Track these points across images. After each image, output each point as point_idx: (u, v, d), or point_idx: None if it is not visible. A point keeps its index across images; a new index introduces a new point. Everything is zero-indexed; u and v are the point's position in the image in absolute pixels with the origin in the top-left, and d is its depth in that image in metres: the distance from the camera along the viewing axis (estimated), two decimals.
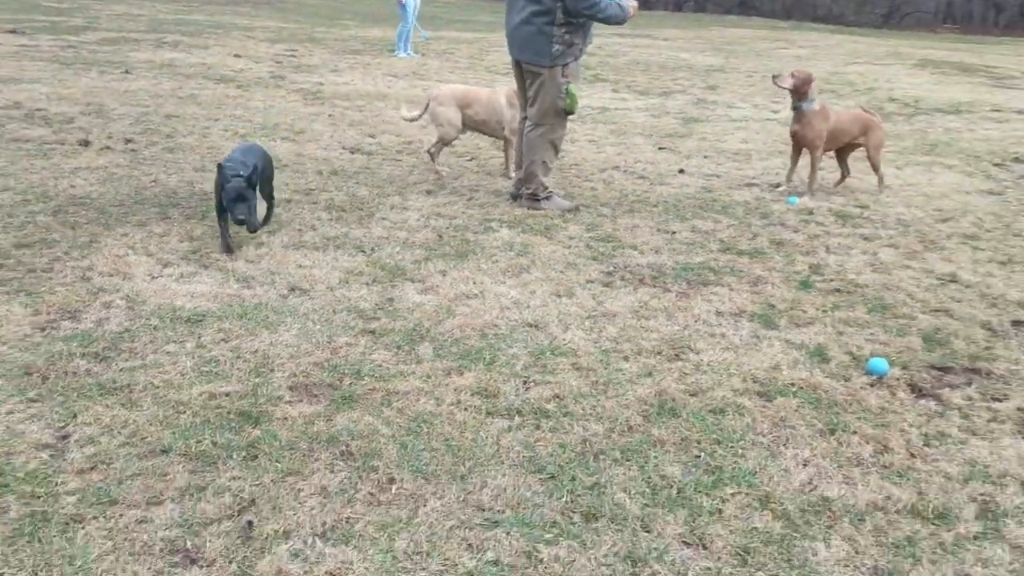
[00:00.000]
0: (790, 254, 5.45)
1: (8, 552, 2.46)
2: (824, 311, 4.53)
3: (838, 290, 4.86)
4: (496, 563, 2.53)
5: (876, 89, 14.56)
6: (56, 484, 2.77)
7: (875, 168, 7.06)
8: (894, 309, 4.61)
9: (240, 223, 4.78)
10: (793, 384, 3.70)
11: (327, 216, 5.76)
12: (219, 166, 4.79)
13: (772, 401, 3.55)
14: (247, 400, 3.35)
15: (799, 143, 6.85)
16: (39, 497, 2.70)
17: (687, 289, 4.77)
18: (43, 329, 3.87)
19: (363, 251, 5.11)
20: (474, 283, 4.67)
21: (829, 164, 7.60)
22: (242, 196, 4.71)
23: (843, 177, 7.22)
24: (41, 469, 2.85)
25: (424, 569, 2.49)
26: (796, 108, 6.74)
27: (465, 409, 3.38)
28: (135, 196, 5.97)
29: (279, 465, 2.93)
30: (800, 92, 6.63)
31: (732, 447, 3.19)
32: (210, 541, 2.55)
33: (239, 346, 3.80)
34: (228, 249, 4.94)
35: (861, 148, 7.00)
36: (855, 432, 3.33)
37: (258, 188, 4.97)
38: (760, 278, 4.98)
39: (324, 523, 2.65)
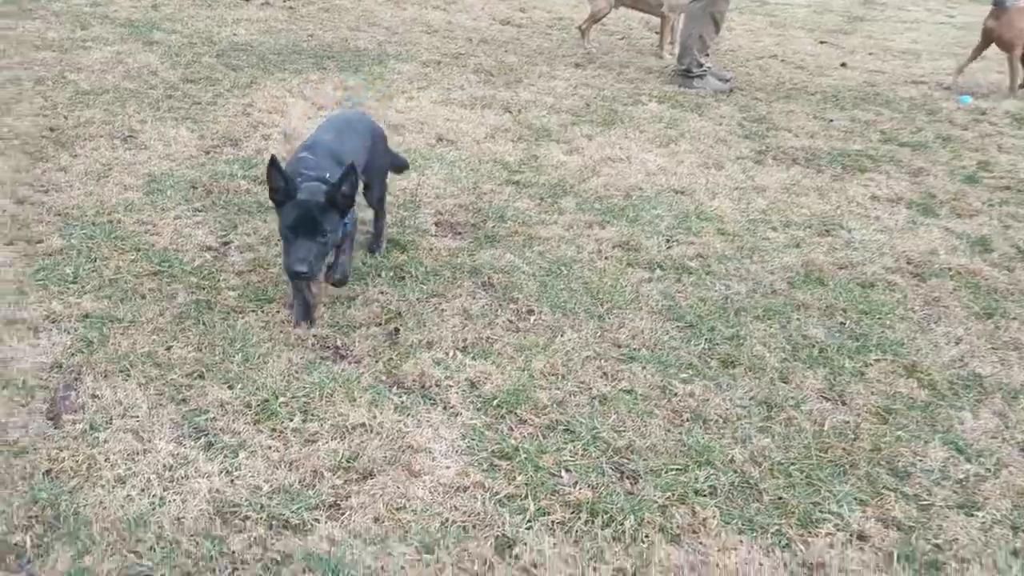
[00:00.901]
0: (957, 150, 5.11)
1: (176, 330, 2.64)
2: (991, 205, 4.25)
3: (1008, 187, 4.54)
4: (630, 392, 2.55)
5: None
6: (218, 280, 2.95)
7: None
8: None
9: (297, 276, 2.54)
10: (950, 268, 3.52)
11: (475, 78, 5.75)
12: (271, 160, 2.51)
13: (926, 281, 3.39)
14: (395, 229, 3.44)
15: (991, 41, 6.25)
16: (203, 288, 2.88)
17: (842, 173, 4.55)
18: (207, 152, 4.06)
19: (509, 112, 5.09)
20: (620, 148, 4.60)
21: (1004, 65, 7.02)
22: (310, 223, 2.48)
23: None
24: (205, 266, 3.03)
25: (559, 388, 2.53)
26: (997, 3, 6.14)
27: (606, 258, 3.38)
28: (292, 47, 6.11)
29: (424, 287, 3.02)
30: None
31: (880, 318, 3.08)
32: (359, 342, 2.67)
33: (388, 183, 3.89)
34: (306, 314, 2.70)
35: None
36: (1015, 318, 3.16)
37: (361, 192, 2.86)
38: (922, 169, 4.70)
39: (465, 339, 2.73)
